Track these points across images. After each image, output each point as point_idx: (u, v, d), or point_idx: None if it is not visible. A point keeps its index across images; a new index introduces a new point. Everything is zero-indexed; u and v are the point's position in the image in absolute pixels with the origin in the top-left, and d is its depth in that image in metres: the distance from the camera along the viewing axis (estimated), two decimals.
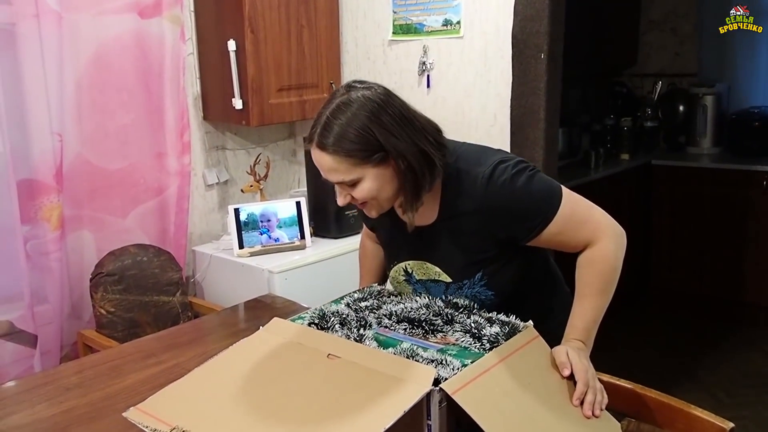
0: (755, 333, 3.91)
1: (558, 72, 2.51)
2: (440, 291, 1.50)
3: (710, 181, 4.15)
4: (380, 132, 1.30)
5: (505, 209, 1.37)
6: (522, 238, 1.41)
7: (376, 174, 1.33)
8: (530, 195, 1.37)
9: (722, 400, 3.19)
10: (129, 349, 1.78)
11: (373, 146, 1.31)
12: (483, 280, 1.45)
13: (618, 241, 1.42)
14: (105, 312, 2.50)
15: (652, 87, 4.66)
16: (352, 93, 1.33)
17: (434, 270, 1.50)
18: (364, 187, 1.34)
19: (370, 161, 1.31)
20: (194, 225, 2.99)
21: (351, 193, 1.36)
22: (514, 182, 1.36)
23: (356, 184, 1.34)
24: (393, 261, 1.58)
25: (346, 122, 1.30)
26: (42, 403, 1.45)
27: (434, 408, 1.07)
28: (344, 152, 1.30)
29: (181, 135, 2.80)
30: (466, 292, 1.47)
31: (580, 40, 3.61)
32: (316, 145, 1.33)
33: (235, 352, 1.31)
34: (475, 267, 1.45)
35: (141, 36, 2.65)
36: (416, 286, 1.54)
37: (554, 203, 1.38)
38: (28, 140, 2.40)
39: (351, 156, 1.30)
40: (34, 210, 2.44)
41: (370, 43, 2.98)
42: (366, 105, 1.31)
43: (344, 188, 1.37)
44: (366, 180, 1.33)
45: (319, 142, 1.31)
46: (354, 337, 1.28)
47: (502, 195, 1.37)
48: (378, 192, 1.35)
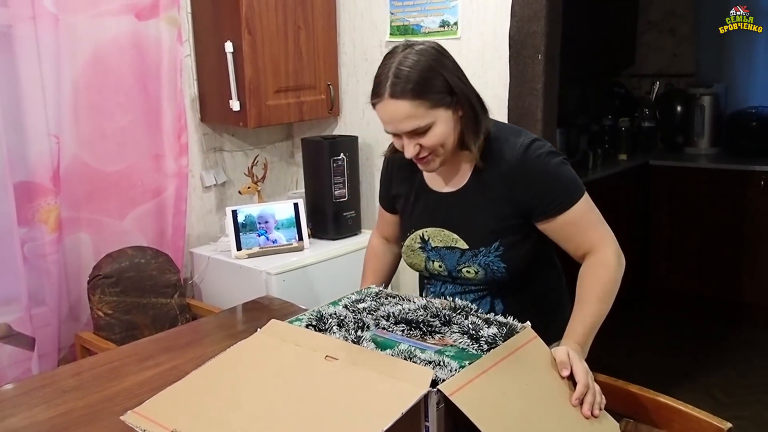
0: (754, 333, 3.91)
1: (555, 73, 2.51)
2: (455, 258, 1.55)
3: (708, 182, 4.15)
4: (449, 76, 1.41)
5: (535, 179, 1.46)
6: (539, 214, 1.47)
7: (446, 118, 1.42)
8: (559, 176, 1.47)
9: (721, 401, 3.19)
10: (127, 352, 1.78)
11: (444, 89, 1.40)
12: (499, 250, 1.50)
13: (620, 257, 1.48)
14: (102, 314, 2.49)
15: (649, 87, 4.67)
16: (414, 47, 1.42)
17: (452, 237, 1.55)
18: (436, 132, 1.41)
19: (441, 104, 1.40)
20: (192, 227, 2.99)
21: (420, 142, 1.42)
22: (548, 160, 1.47)
23: (428, 131, 1.41)
24: (411, 230, 1.62)
25: (419, 68, 1.38)
26: (39, 406, 1.45)
27: (432, 409, 1.07)
28: (420, 96, 1.37)
29: (178, 137, 2.79)
30: (481, 260, 1.52)
31: (578, 40, 3.62)
32: (389, 96, 1.38)
33: (233, 355, 1.30)
34: (493, 235, 1.50)
35: (138, 38, 2.64)
36: (430, 254, 1.59)
37: (577, 193, 1.47)
38: (25, 142, 2.40)
39: (427, 99, 1.38)
40: (31, 212, 2.43)
41: (368, 44, 2.98)
42: (431, 53, 1.42)
43: (413, 138, 1.42)
44: (438, 124, 1.41)
45: (393, 91, 1.38)
46: (352, 338, 1.28)
47: (536, 166, 1.46)
48: (446, 137, 1.43)
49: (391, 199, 1.74)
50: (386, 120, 1.42)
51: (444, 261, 1.57)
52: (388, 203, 1.76)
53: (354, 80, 3.07)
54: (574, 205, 1.46)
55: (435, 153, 1.45)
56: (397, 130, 1.43)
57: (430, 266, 1.61)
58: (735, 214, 4.06)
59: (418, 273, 1.72)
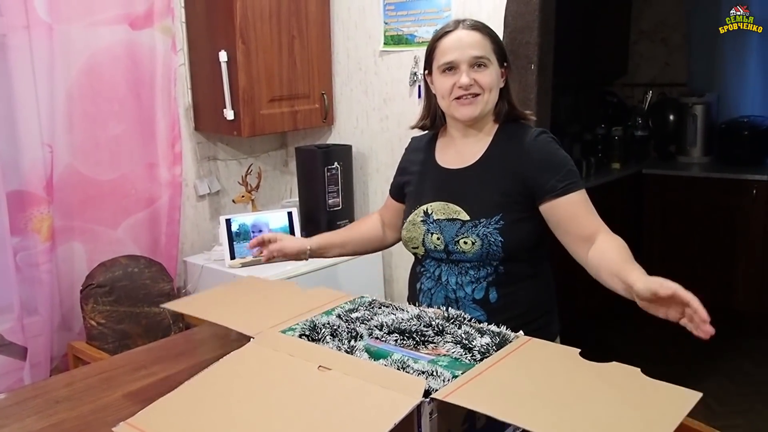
0: (746, 341, 3.92)
1: (548, 82, 2.52)
2: (454, 230, 1.58)
3: (700, 190, 4.17)
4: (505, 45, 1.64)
5: (547, 158, 1.56)
6: (546, 192, 1.54)
7: (498, 72, 1.60)
8: (567, 163, 1.58)
9: (714, 409, 3.19)
10: (119, 362, 1.77)
11: (504, 52, 1.62)
12: (499, 223, 1.54)
13: None
14: (95, 324, 2.49)
15: (642, 96, 4.70)
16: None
17: (454, 209, 1.60)
18: (492, 73, 1.58)
19: (498, 58, 1.60)
20: (185, 236, 2.98)
21: (476, 77, 1.56)
22: (557, 148, 1.60)
23: (486, 68, 1.57)
24: (416, 205, 1.68)
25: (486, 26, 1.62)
26: (31, 416, 1.44)
27: (425, 420, 1.07)
28: (491, 39, 1.59)
29: (172, 145, 2.79)
30: (480, 230, 1.55)
31: (571, 50, 3.64)
32: (464, 27, 1.58)
33: (226, 365, 1.30)
34: (496, 208, 1.56)
35: (132, 47, 2.65)
36: (430, 226, 1.63)
37: (580, 183, 1.57)
38: (18, 151, 2.39)
39: (494, 44, 1.60)
40: (24, 221, 2.43)
41: (362, 54, 2.99)
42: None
43: (472, 70, 1.56)
44: (493, 69, 1.58)
45: (473, 24, 1.60)
46: (345, 348, 1.28)
47: (547, 149, 1.58)
48: (494, 85, 1.59)
49: (401, 185, 1.81)
50: (454, 47, 1.57)
51: (443, 233, 1.60)
52: (397, 189, 1.84)
53: (348, 89, 3.08)
54: (578, 191, 1.54)
55: (483, 95, 1.57)
56: (462, 56, 1.55)
57: (428, 240, 1.62)
58: (727, 223, 4.08)
59: (413, 261, 1.74)
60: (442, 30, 1.61)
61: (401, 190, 1.80)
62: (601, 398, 1.08)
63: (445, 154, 1.70)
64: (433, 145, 1.74)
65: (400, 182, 1.81)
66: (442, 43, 1.59)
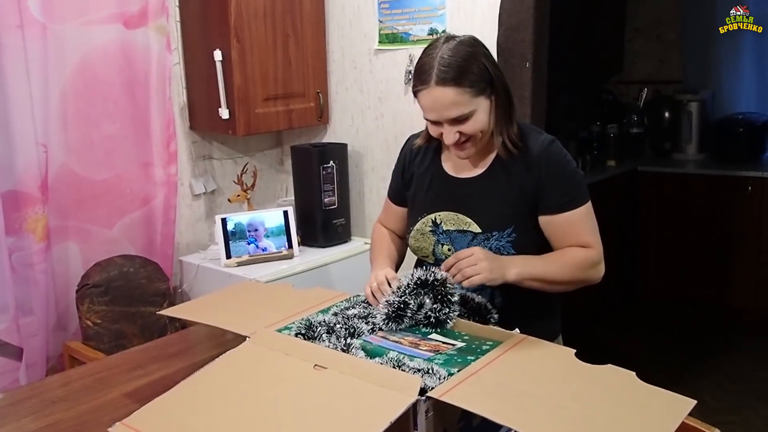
0: (741, 337, 3.93)
1: (543, 80, 2.52)
2: (465, 241, 1.56)
3: (696, 187, 4.18)
4: (490, 66, 1.47)
5: (555, 170, 1.52)
6: (547, 206, 1.52)
7: (486, 106, 1.48)
8: (575, 175, 1.55)
9: (709, 405, 3.20)
10: (115, 361, 1.77)
11: (486, 79, 1.47)
12: (512, 235, 1.52)
13: (601, 265, 1.54)
14: (91, 323, 2.48)
15: (637, 94, 4.71)
16: (455, 38, 1.48)
17: (465, 221, 1.57)
18: (477, 120, 1.47)
19: (483, 93, 1.47)
20: (181, 235, 2.98)
21: (461, 130, 1.47)
22: (568, 159, 1.55)
23: (469, 119, 1.46)
24: (423, 213, 1.64)
25: (463, 57, 1.44)
26: (27, 417, 1.44)
27: (421, 417, 1.07)
28: (467, 84, 1.43)
29: (167, 145, 2.79)
30: (492, 244, 1.53)
31: (566, 48, 3.64)
32: (436, 83, 1.43)
33: (222, 365, 1.30)
34: (509, 220, 1.53)
35: (126, 46, 2.64)
36: (441, 237, 1.60)
37: (585, 197, 1.54)
38: (12, 151, 2.39)
39: (472, 87, 1.44)
40: (18, 221, 2.42)
41: (357, 52, 2.99)
42: (474, 43, 1.49)
43: (454, 125, 1.47)
44: (479, 112, 1.47)
45: (441, 78, 1.43)
46: (341, 346, 1.28)
47: (557, 161, 1.53)
48: (485, 125, 1.49)
49: (402, 188, 1.74)
50: (430, 107, 1.47)
51: (454, 244, 1.58)
52: (399, 194, 1.76)
53: (343, 88, 3.07)
54: (581, 206, 1.52)
55: (473, 139, 1.51)
56: (440, 117, 1.47)
57: (439, 250, 1.61)
58: (723, 220, 4.09)
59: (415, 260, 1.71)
60: (416, 80, 1.48)
61: (403, 195, 1.74)
62: (595, 403, 1.09)
63: (452, 160, 1.64)
64: (438, 150, 1.68)
65: (402, 186, 1.74)
66: (420, 97, 1.49)
